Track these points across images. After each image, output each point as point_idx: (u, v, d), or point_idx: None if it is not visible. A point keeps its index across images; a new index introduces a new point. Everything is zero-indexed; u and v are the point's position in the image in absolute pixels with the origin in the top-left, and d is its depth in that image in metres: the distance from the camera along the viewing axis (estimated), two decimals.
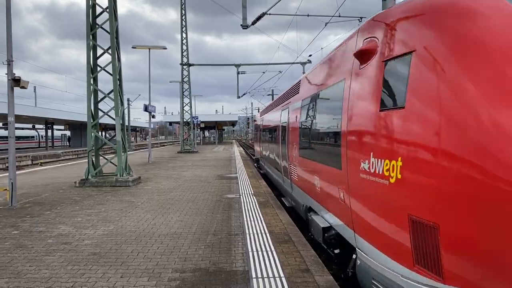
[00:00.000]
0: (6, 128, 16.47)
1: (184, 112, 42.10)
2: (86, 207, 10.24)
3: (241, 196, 11.89)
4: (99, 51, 15.14)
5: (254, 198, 11.55)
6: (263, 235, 7.35)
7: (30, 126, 65.20)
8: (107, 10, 14.91)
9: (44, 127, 58.02)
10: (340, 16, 17.95)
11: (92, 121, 14.86)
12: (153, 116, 28.33)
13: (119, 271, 5.54)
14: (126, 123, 42.48)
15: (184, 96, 41.63)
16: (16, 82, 10.61)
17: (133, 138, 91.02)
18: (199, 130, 63.50)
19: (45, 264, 5.84)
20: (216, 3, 23.44)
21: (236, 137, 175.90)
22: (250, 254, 6.20)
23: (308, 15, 18.96)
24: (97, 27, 15.02)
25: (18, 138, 51.49)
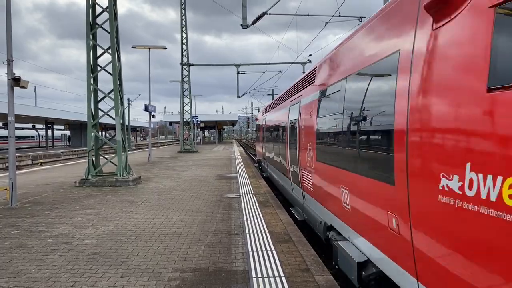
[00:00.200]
0: (6, 128, 16.50)
1: (184, 111, 42.12)
2: (86, 207, 10.24)
3: (241, 195, 11.89)
4: (99, 51, 15.15)
5: (254, 197, 11.55)
6: (263, 234, 7.35)
7: (30, 126, 65.21)
8: (107, 10, 14.91)
9: (44, 127, 58.01)
10: (340, 16, 17.97)
11: (92, 120, 14.86)
12: (153, 116, 28.33)
13: (119, 270, 5.54)
14: (126, 122, 42.47)
15: (184, 96, 41.64)
16: (16, 81, 10.61)
17: (133, 138, 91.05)
18: (199, 129, 63.52)
19: (45, 264, 5.84)
20: (216, 2, 23.46)
21: (236, 137, 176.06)
22: (250, 253, 6.20)
23: (308, 15, 18.98)
24: (97, 26, 15.02)
25: (18, 138, 51.52)
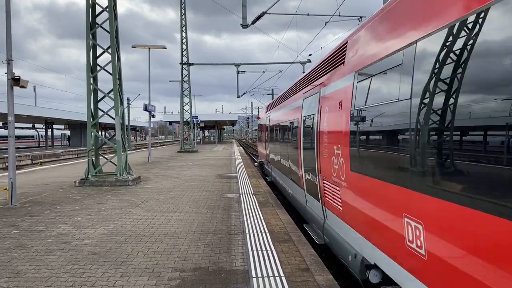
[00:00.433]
0: (6, 128, 16.50)
1: (184, 111, 42.12)
2: (86, 207, 10.24)
3: (241, 195, 11.89)
4: (99, 51, 15.14)
5: (254, 197, 11.55)
6: (263, 234, 7.35)
7: (30, 125, 65.18)
8: (107, 10, 14.90)
9: (44, 127, 58.00)
10: (340, 16, 17.97)
11: (92, 120, 14.85)
12: (153, 116, 28.33)
13: (119, 270, 5.54)
14: (126, 122, 42.46)
15: (184, 96, 41.64)
16: (15, 81, 10.60)
17: (133, 138, 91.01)
18: (199, 129, 63.54)
19: (44, 264, 5.84)
20: (216, 2, 23.45)
21: (236, 136, 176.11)
22: (250, 253, 6.19)
23: (308, 14, 18.96)
24: (96, 26, 15.02)
25: (18, 137, 51.50)
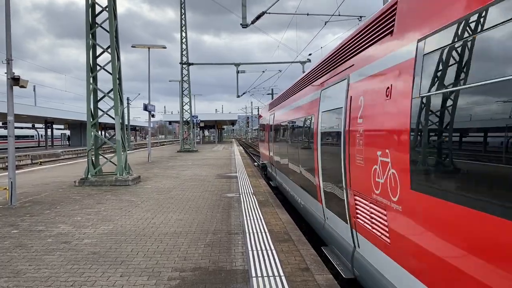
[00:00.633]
0: (6, 128, 16.51)
1: (183, 111, 42.12)
2: (85, 206, 10.24)
3: (240, 195, 11.88)
4: (99, 50, 15.14)
5: (254, 197, 11.55)
6: (263, 234, 7.35)
7: (30, 125, 65.16)
8: (107, 9, 14.89)
9: (43, 126, 57.99)
10: (340, 15, 17.97)
11: (91, 120, 14.85)
12: (152, 115, 28.34)
13: (118, 270, 5.54)
14: (126, 122, 42.47)
15: (183, 95, 41.63)
16: (15, 81, 10.59)
17: (132, 137, 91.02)
18: (198, 129, 63.54)
19: (44, 263, 5.83)
20: (216, 2, 23.44)
21: (236, 136, 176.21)
22: (250, 253, 6.19)
23: (308, 14, 18.96)
24: (96, 26, 15.01)
25: (17, 137, 51.48)
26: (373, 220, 4.51)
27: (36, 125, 65.06)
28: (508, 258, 2.38)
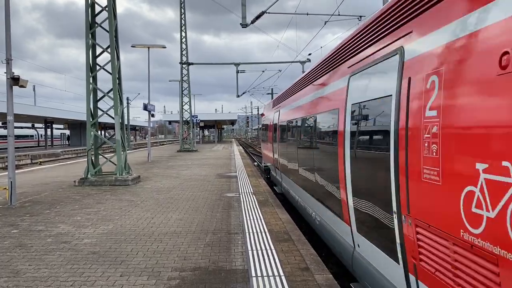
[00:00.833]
0: (5, 127, 16.51)
1: (183, 111, 42.11)
2: (85, 206, 10.23)
3: (240, 194, 11.88)
4: (98, 50, 15.13)
5: (254, 196, 11.55)
6: (263, 233, 7.35)
7: (30, 125, 65.14)
8: (106, 9, 14.88)
9: (43, 126, 57.97)
10: (339, 15, 17.97)
11: (91, 120, 14.84)
12: (152, 115, 28.30)
13: (118, 270, 5.54)
14: (126, 122, 42.47)
15: (183, 95, 41.62)
16: (15, 81, 10.59)
17: (132, 137, 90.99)
18: (198, 129, 63.52)
19: (44, 263, 5.83)
20: (215, 1, 23.44)
21: (236, 136, 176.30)
22: (250, 252, 6.19)
23: (307, 14, 18.96)
24: (96, 26, 15.00)
25: (17, 137, 51.45)
26: (462, 275, 2.82)
27: (36, 125, 65.04)
28: None
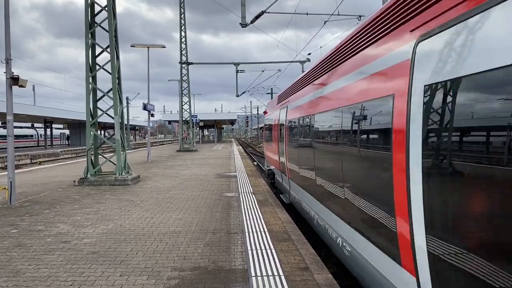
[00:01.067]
0: (5, 127, 16.51)
1: (183, 110, 42.09)
2: (85, 206, 10.23)
3: (240, 194, 11.88)
4: (98, 50, 15.11)
5: (253, 196, 11.55)
6: (262, 233, 7.35)
7: (29, 125, 65.09)
8: (106, 9, 14.86)
9: (43, 126, 57.93)
10: (339, 15, 17.97)
11: (91, 119, 14.83)
12: (152, 115, 28.27)
13: (118, 269, 5.54)
14: (125, 121, 42.44)
15: (183, 95, 41.60)
16: (14, 80, 10.58)
17: (132, 137, 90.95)
18: (198, 128, 63.50)
19: (44, 263, 5.83)
20: (215, 1, 23.43)
21: (235, 136, 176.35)
22: (249, 252, 6.19)
23: (307, 14, 18.96)
24: (95, 25, 14.99)
25: (17, 137, 51.42)
26: None
27: (36, 124, 65.00)
28: None
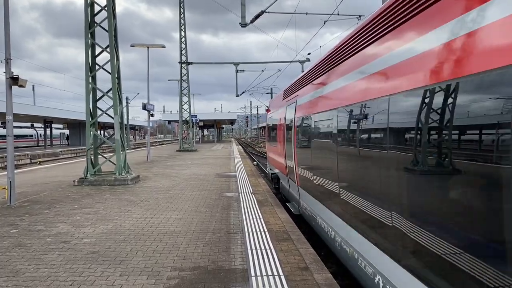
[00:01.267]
0: (5, 127, 16.52)
1: (183, 110, 42.09)
2: (85, 206, 10.23)
3: (240, 194, 11.88)
4: (98, 50, 15.10)
5: (253, 196, 11.55)
6: (262, 233, 7.35)
7: (29, 124, 65.06)
8: (105, 8, 14.85)
9: (42, 126, 57.89)
10: (339, 14, 17.97)
11: (91, 119, 14.83)
12: (152, 115, 28.26)
13: (118, 269, 5.53)
14: (125, 121, 42.41)
15: (183, 95, 41.59)
16: (14, 80, 10.58)
17: (131, 137, 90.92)
18: (198, 128, 63.50)
19: (43, 263, 5.83)
20: (215, 1, 23.42)
21: (235, 135, 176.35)
22: (249, 252, 6.19)
23: (307, 13, 18.96)
24: (95, 25, 14.98)
25: (16, 136, 51.40)
26: None
27: (35, 124, 64.96)
28: None
